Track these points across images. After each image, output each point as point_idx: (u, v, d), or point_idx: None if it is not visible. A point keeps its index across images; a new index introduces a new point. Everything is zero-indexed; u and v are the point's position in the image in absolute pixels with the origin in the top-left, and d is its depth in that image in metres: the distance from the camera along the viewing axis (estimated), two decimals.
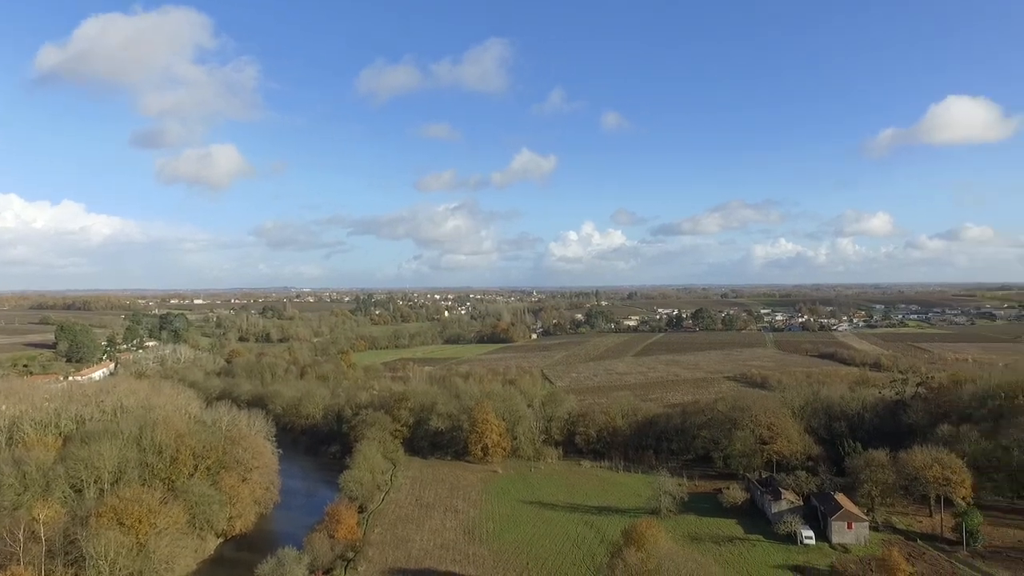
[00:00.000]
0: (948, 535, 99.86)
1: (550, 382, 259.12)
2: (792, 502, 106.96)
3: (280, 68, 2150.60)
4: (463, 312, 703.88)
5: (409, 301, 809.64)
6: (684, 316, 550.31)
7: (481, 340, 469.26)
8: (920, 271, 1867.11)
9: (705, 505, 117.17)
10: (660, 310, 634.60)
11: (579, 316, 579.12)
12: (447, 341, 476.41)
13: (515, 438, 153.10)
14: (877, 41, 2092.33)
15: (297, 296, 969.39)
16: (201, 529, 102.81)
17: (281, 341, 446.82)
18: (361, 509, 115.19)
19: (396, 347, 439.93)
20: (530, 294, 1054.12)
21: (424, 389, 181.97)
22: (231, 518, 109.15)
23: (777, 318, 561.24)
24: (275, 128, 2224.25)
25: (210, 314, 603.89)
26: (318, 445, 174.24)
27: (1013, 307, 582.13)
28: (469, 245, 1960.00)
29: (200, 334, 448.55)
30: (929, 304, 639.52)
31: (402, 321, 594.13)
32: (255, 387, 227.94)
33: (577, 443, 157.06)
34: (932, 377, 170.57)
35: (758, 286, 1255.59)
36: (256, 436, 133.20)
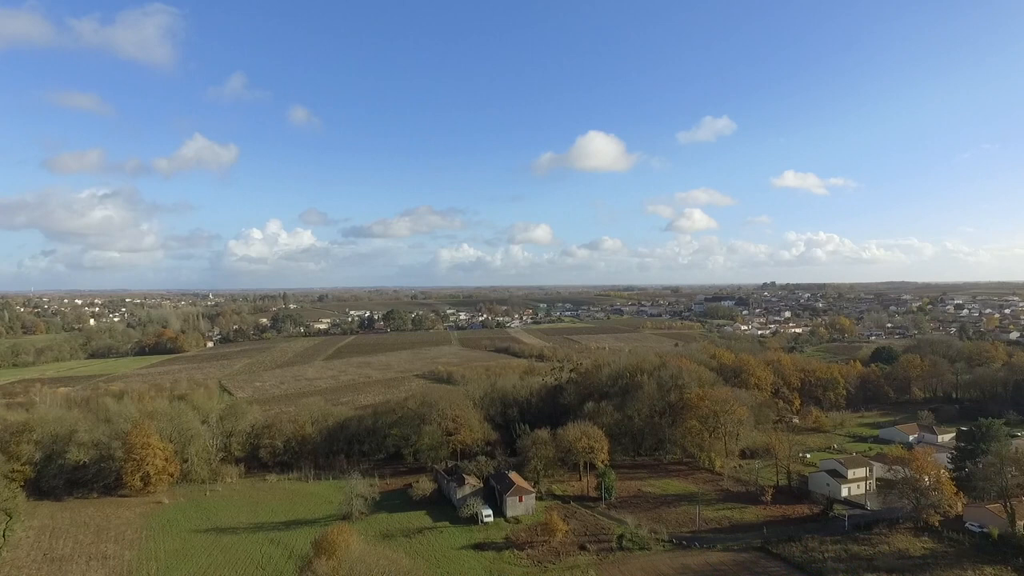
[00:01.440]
0: (592, 494, 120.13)
1: (230, 393, 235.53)
2: (474, 486, 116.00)
3: None
4: (116, 320, 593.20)
5: (36, 308, 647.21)
6: (376, 317, 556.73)
7: (142, 352, 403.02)
8: (572, 274, 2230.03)
9: (396, 501, 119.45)
10: (352, 312, 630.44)
11: (264, 320, 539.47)
12: (93, 355, 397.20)
13: (186, 460, 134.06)
14: (545, 77, 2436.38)
15: None
16: None
17: None
18: None
19: (15, 366, 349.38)
20: (206, 297, 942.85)
21: (58, 415, 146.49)
22: None
23: (461, 317, 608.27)
24: None
25: None
26: None
27: (635, 304, 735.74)
28: (125, 241, 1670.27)
29: None
30: (579, 302, 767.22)
31: (24, 332, 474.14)
32: None
33: (262, 457, 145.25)
34: (581, 363, 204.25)
35: (444, 287, 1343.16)
36: None
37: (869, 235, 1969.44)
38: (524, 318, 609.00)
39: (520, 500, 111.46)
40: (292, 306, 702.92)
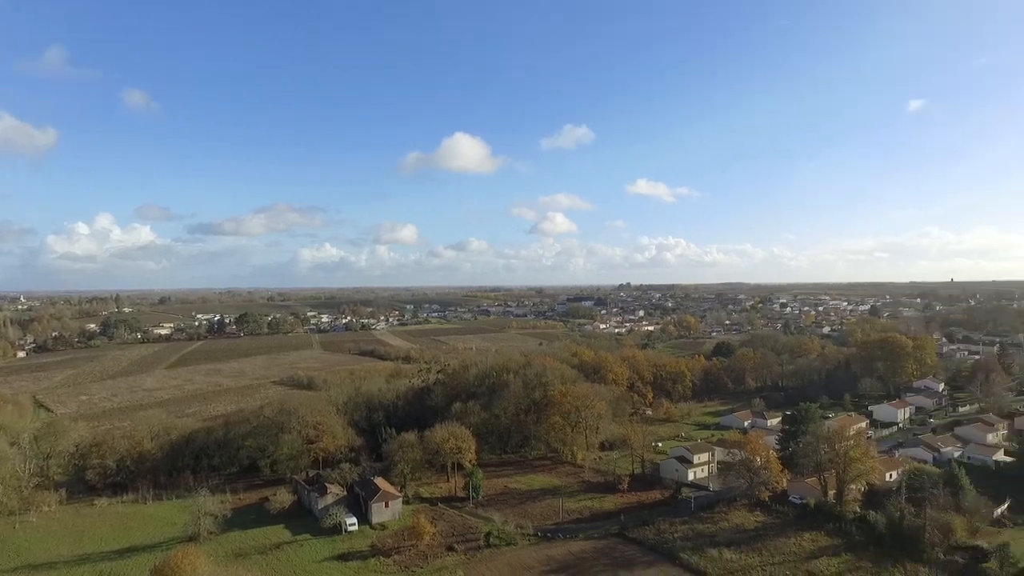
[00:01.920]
0: (460, 494, 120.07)
1: (48, 410, 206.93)
2: (337, 494, 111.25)
3: None
4: None
5: None
6: (228, 321, 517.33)
7: None
8: (439, 275, 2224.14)
9: (252, 517, 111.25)
10: (200, 315, 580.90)
11: (92, 326, 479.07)
12: None
13: None
14: (412, 76, 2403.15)
15: None
16: None
17: None
18: None
19: None
20: (16, 300, 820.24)
21: None
22: None
23: (323, 320, 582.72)
24: None
25: None
26: None
27: (501, 305, 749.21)
28: None
29: None
30: (446, 303, 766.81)
31: None
32: None
33: (90, 479, 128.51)
34: (448, 364, 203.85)
35: (305, 289, 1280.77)
36: None
37: (711, 240, 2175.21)
38: (390, 320, 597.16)
39: (386, 506, 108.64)
40: (127, 309, 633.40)
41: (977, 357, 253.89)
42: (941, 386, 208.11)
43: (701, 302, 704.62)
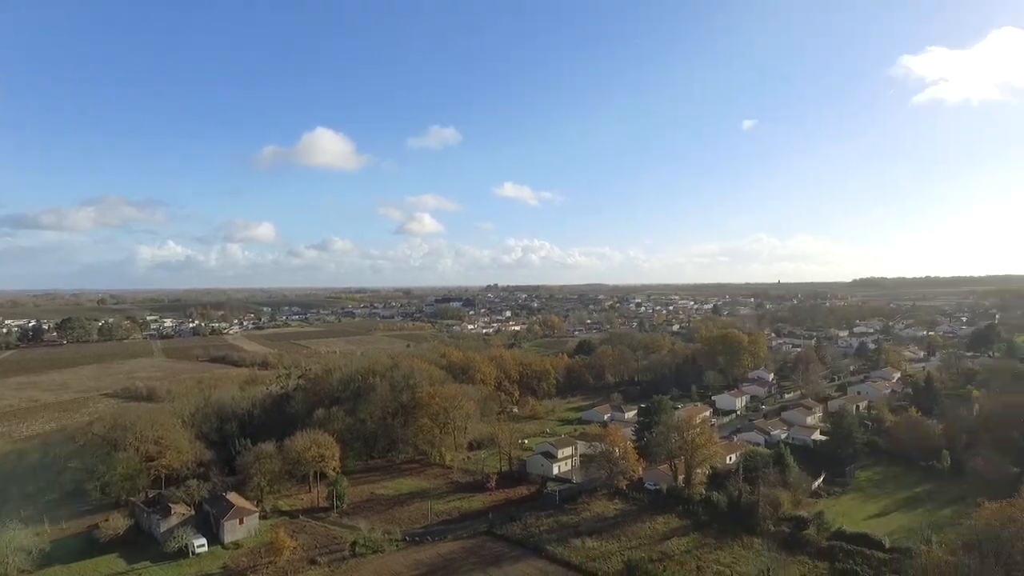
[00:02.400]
0: (323, 504, 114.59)
1: None
2: (184, 514, 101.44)
3: None
4: None
5: None
6: (47, 327, 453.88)
7: None
8: (300, 276, 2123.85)
9: (78, 547, 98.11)
10: (9, 322, 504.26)
11: None
12: None
13: None
14: (268, 63, 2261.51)
15: None
16: None
17: None
18: None
19: None
20: None
21: None
22: None
23: (166, 324, 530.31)
24: None
25: None
26: None
27: (367, 307, 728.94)
28: None
29: None
30: (307, 305, 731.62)
31: None
32: None
33: None
34: (310, 369, 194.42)
35: (144, 291, 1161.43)
36: None
37: (573, 243, 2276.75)
38: (245, 323, 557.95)
39: (241, 523, 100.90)
40: None
41: (799, 349, 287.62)
42: (771, 376, 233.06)
43: (565, 302, 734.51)
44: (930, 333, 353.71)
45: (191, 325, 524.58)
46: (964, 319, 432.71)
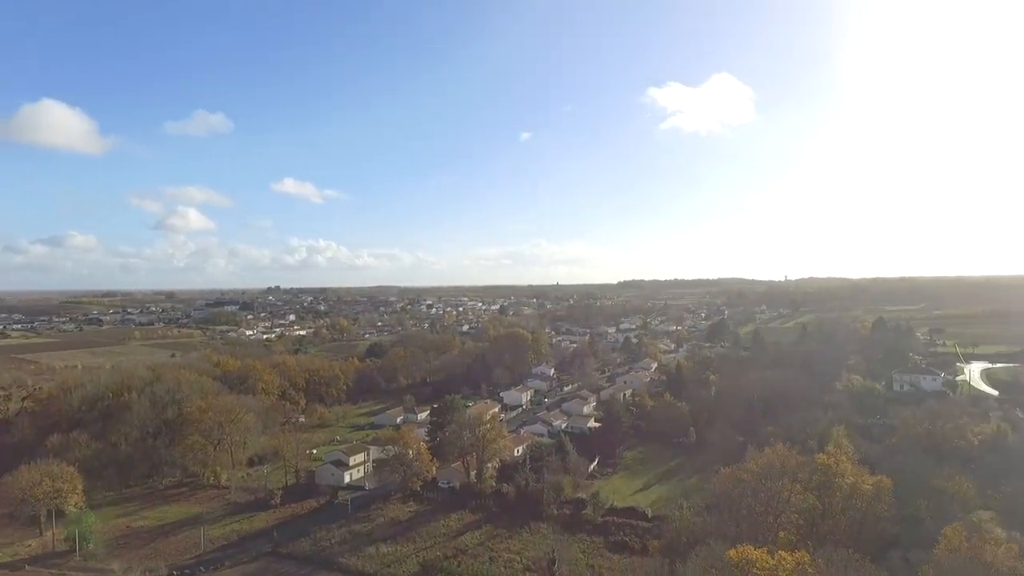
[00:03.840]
0: (62, 547, 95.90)
1: None
2: None
3: None
4: None
5: None
6: None
7: None
8: (24, 277, 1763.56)
9: None
10: None
11: None
12: None
13: None
14: None
15: None
16: None
17: None
18: None
19: None
20: None
21: None
22: None
23: None
24: None
25: None
26: None
27: (118, 312, 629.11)
28: None
29: None
30: (35, 312, 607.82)
31: None
32: None
33: None
34: (40, 389, 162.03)
35: None
36: None
37: (362, 244, 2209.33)
38: None
39: None
40: None
41: (576, 345, 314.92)
42: (552, 371, 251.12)
43: (354, 305, 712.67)
44: (679, 328, 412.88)
45: None
46: (703, 315, 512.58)
